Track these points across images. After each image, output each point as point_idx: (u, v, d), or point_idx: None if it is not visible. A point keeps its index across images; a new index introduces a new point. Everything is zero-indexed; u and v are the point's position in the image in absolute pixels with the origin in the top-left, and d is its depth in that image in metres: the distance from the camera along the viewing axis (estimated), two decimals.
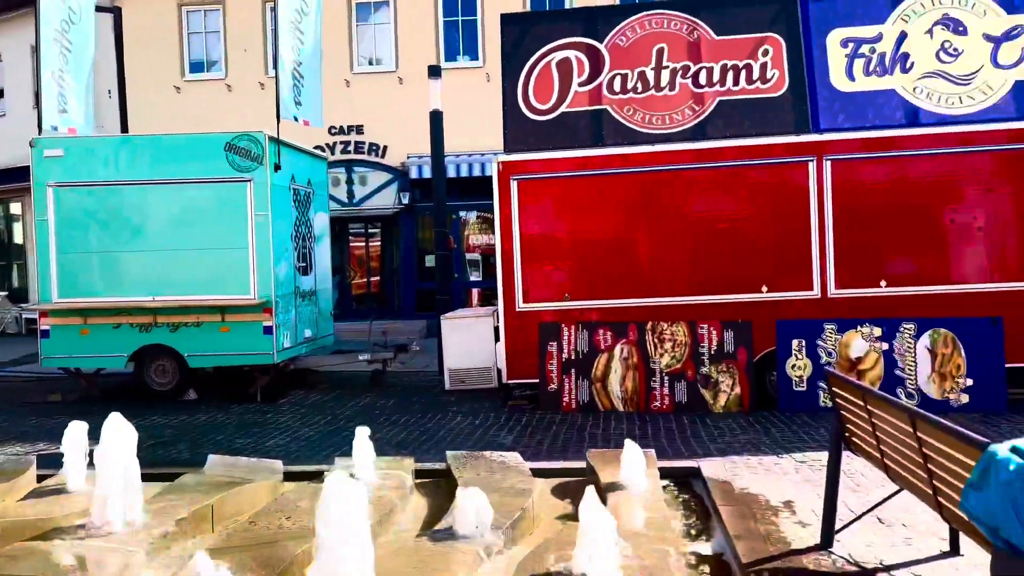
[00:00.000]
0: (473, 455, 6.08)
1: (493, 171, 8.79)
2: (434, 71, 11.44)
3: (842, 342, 8.27)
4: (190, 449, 7.47)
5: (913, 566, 4.11)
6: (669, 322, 8.50)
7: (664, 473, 5.77)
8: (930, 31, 8.54)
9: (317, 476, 5.78)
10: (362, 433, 5.55)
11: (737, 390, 8.38)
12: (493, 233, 9.04)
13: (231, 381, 10.53)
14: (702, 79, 8.75)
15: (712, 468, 6.01)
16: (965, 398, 8.11)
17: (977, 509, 2.15)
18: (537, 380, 8.73)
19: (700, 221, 8.60)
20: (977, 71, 8.48)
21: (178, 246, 9.81)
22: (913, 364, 8.18)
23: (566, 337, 8.62)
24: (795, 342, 8.35)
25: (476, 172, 15.71)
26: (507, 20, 9.20)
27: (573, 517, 4.78)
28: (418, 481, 5.84)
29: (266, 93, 15.18)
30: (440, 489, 5.65)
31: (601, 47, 8.88)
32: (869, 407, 3.70)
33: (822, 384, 8.22)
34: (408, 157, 16.56)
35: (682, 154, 8.58)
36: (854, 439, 4.20)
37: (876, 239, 8.38)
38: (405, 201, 16.72)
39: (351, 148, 17.10)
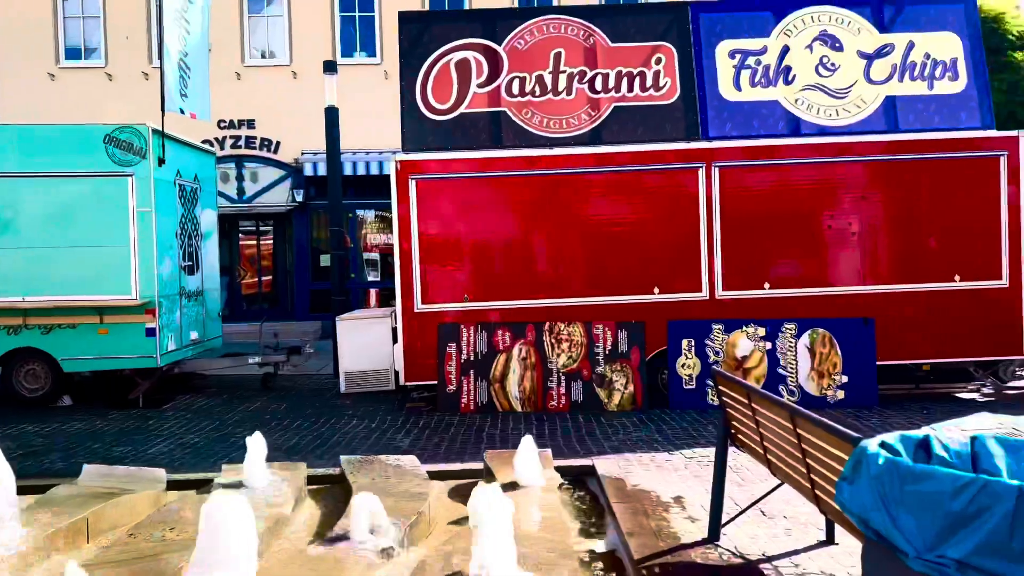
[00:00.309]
0: (368, 459, 5.98)
1: (391, 170, 8.67)
2: (330, 66, 11.19)
3: (729, 342, 8.61)
4: (64, 459, 7.01)
5: (793, 556, 4.31)
6: (566, 322, 8.62)
7: (560, 471, 5.84)
8: (810, 46, 9.00)
9: (204, 484, 5.54)
10: (253, 438, 5.37)
11: (631, 389, 8.59)
12: (391, 232, 8.91)
13: (110, 386, 9.97)
14: (598, 85, 8.92)
15: (606, 466, 6.13)
16: (841, 394, 8.59)
17: (850, 501, 2.27)
18: (435, 382, 8.67)
19: (596, 224, 8.75)
20: (852, 85, 8.99)
21: (52, 243, 9.20)
22: (794, 362, 8.60)
23: (465, 338, 8.60)
24: (685, 342, 8.63)
25: (374, 170, 15.48)
26: (405, 18, 9.10)
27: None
28: (311, 487, 5.69)
29: (150, 83, 14.48)
30: (334, 495, 5.53)
31: (500, 49, 8.92)
32: (753, 405, 3.86)
33: (710, 382, 8.53)
34: (303, 153, 16.15)
35: (579, 158, 8.71)
36: (739, 436, 4.36)
37: (761, 243, 8.75)
38: (299, 198, 16.29)
39: (242, 143, 16.52)
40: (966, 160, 8.79)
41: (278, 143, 16.49)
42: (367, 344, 9.87)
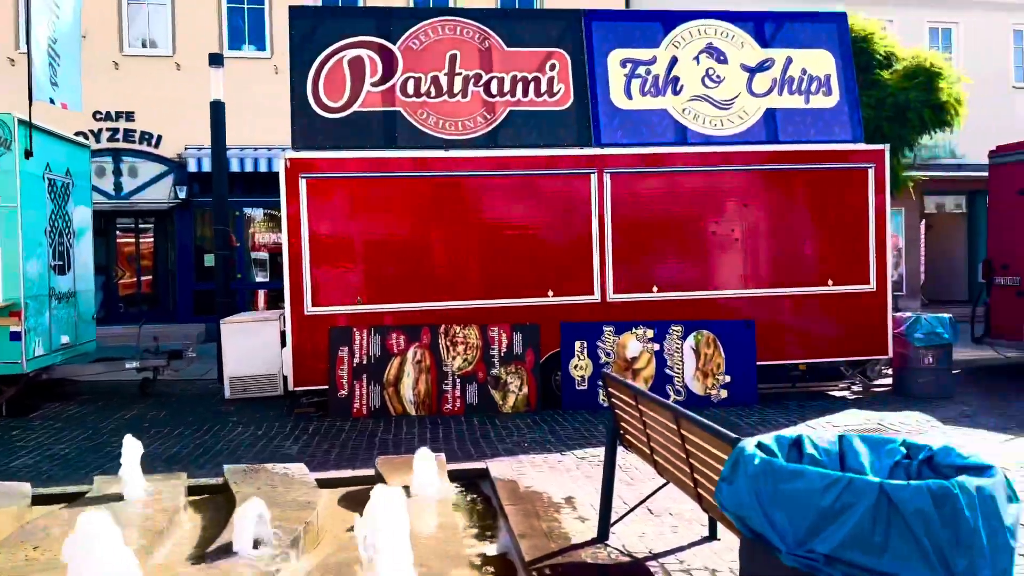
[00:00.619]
0: (254, 468, 5.76)
1: (280, 168, 8.41)
2: (216, 59, 10.76)
3: (619, 343, 8.81)
4: None
5: (678, 552, 4.44)
6: (462, 325, 8.61)
7: (454, 476, 5.80)
8: (697, 58, 9.34)
9: (74, 499, 5.20)
10: (127, 444, 5.08)
11: (525, 390, 8.66)
12: (281, 232, 8.64)
13: None
14: (493, 88, 8.95)
15: (500, 468, 6.14)
16: (724, 393, 8.94)
17: (728, 501, 2.35)
18: (326, 386, 8.47)
19: (492, 227, 8.77)
20: (735, 97, 9.39)
21: None
22: (680, 363, 8.89)
23: (358, 341, 8.45)
24: (577, 344, 8.77)
25: (263, 167, 14.98)
26: (296, 13, 8.85)
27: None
28: (192, 498, 5.43)
29: (17, 70, 13.52)
30: (217, 506, 5.29)
31: (394, 48, 8.81)
32: (640, 407, 3.95)
33: (601, 383, 8.70)
34: (186, 148, 15.45)
35: (474, 161, 8.71)
36: (628, 436, 4.46)
37: (650, 248, 9.01)
38: (182, 195, 15.57)
39: (120, 136, 15.65)
40: (838, 171, 9.33)
41: (160, 137, 15.72)
42: (254, 348, 9.54)
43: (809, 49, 9.58)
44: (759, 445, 2.51)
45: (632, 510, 4.80)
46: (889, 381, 9.89)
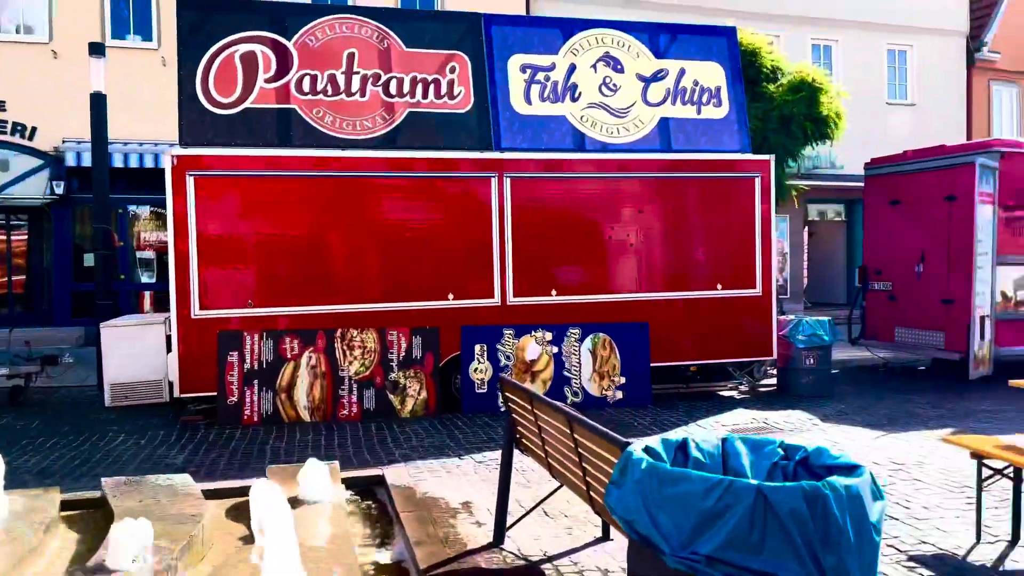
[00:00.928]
0: (135, 480, 5.47)
1: (166, 165, 8.04)
2: (96, 48, 10.19)
3: (518, 346, 8.87)
4: None
5: (572, 554, 4.50)
6: (359, 329, 8.46)
7: (348, 483, 5.69)
8: (594, 66, 9.51)
9: None
10: None
11: (424, 395, 8.59)
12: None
13: None
14: (392, 88, 8.84)
15: (396, 475, 6.06)
16: (620, 394, 9.14)
17: (616, 504, 2.39)
18: (215, 393, 8.14)
19: (391, 229, 8.66)
20: (631, 106, 9.61)
21: None
22: (578, 365, 9.03)
23: (248, 346, 8.17)
24: (478, 347, 8.77)
25: (149, 163, 14.28)
26: (184, 3, 8.47)
27: (249, 539, 4.53)
28: (66, 514, 5.11)
29: None
30: (94, 522, 5.00)
31: (289, 45, 8.57)
32: (535, 411, 3.98)
33: (499, 387, 8.74)
34: (64, 142, 14.54)
35: (373, 161, 8.57)
36: (524, 440, 4.48)
37: (549, 252, 9.10)
38: (59, 191, 14.63)
39: None
40: (727, 180, 9.70)
41: (34, 129, 14.73)
42: (137, 352, 9.08)
43: (701, 61, 9.91)
44: (646, 449, 2.57)
45: (527, 513, 4.83)
46: (774, 381, 10.35)
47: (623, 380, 9.17)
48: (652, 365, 9.32)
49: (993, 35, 20.96)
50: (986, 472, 4.90)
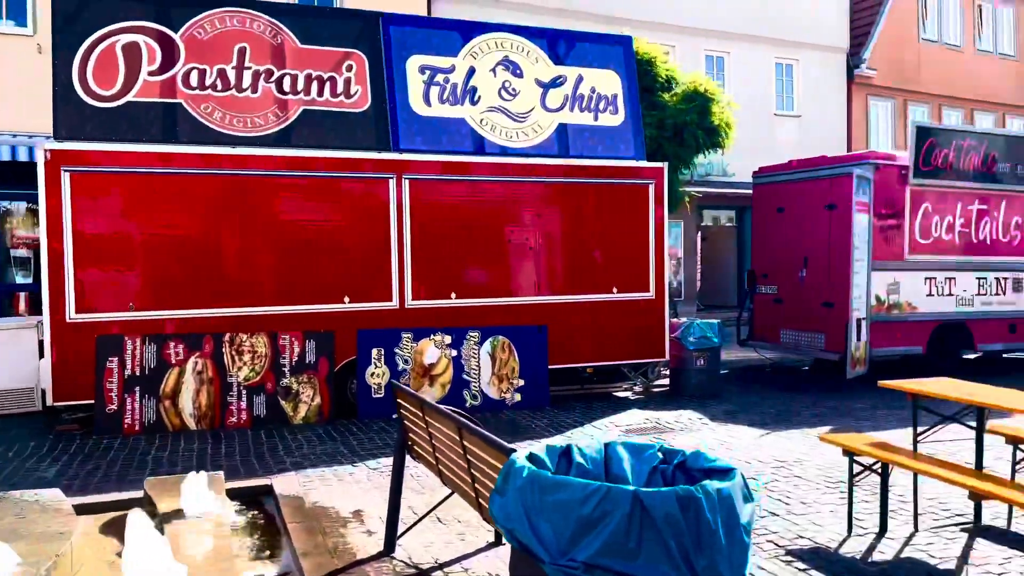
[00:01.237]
0: None
1: (39, 160, 7.55)
2: None
3: (417, 350, 8.78)
4: None
5: (464, 560, 4.47)
6: (249, 333, 8.18)
7: (234, 494, 5.47)
8: (494, 70, 9.54)
9: None
10: None
11: (317, 400, 8.38)
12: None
13: None
14: (286, 85, 8.60)
15: (285, 484, 5.87)
16: (518, 397, 9.19)
17: (499, 513, 2.38)
18: (93, 401, 7.70)
19: (285, 230, 8.41)
20: (530, 111, 9.69)
21: None
22: (477, 368, 9.03)
23: (130, 351, 7.77)
24: (374, 351, 8.64)
25: (23, 156, 13.37)
26: None
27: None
28: None
29: None
30: None
31: (176, 37, 8.21)
32: (426, 417, 3.93)
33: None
34: None
35: (265, 160, 8.31)
36: (415, 447, 4.43)
37: (448, 255, 9.06)
38: None
39: None
40: (623, 186, 9.91)
41: None
42: (6, 358, 8.49)
43: (598, 69, 10.09)
44: (530, 456, 2.57)
45: (419, 520, 4.78)
46: (667, 382, 10.64)
47: (522, 382, 9.22)
48: (550, 367, 9.42)
49: (870, 53, 22.28)
50: (857, 468, 5.17)
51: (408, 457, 4.71)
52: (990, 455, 6.51)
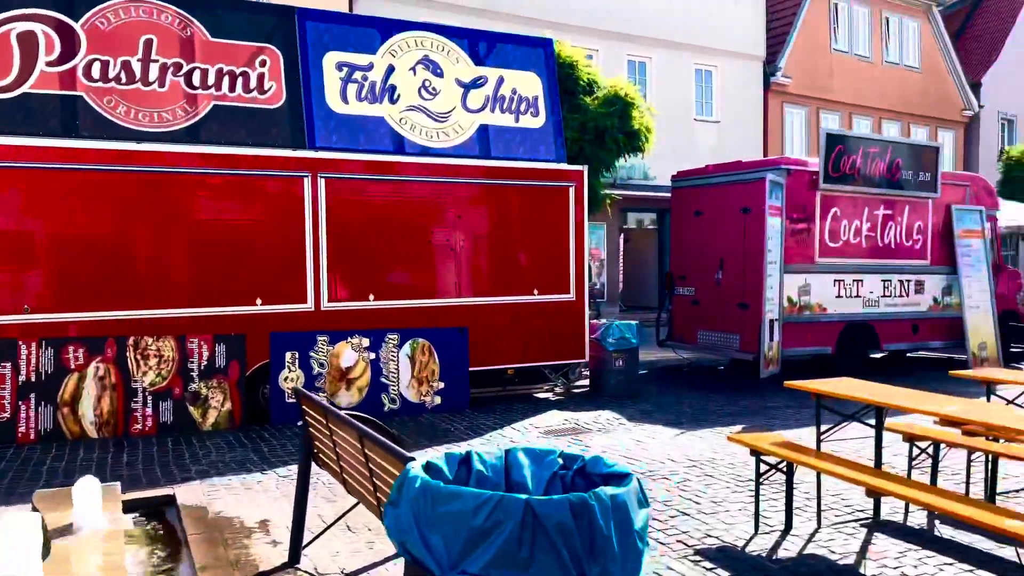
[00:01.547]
0: None
1: None
2: None
3: (333, 353, 8.60)
4: None
5: (371, 569, 4.37)
6: (155, 337, 7.85)
7: (133, 505, 5.23)
8: (414, 68, 9.42)
9: None
10: None
11: (228, 406, 8.11)
12: None
13: None
14: (196, 80, 8.29)
15: (188, 493, 5.65)
16: (438, 400, 9.09)
17: (392, 526, 2.31)
18: None
19: (194, 230, 8.10)
20: (451, 111, 9.61)
21: None
22: (396, 371, 8.89)
23: (24, 356, 7.35)
24: (288, 354, 8.41)
25: None
26: None
27: None
28: None
29: None
30: None
31: (76, 26, 7.81)
32: (330, 424, 3.82)
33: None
34: None
35: (173, 156, 7.98)
36: (321, 455, 4.31)
37: (366, 256, 8.90)
38: None
39: None
40: (544, 188, 9.93)
41: None
42: None
43: (519, 71, 10.09)
44: (427, 465, 2.51)
45: (327, 529, 4.65)
46: (587, 382, 10.72)
47: (442, 385, 9.14)
48: (471, 369, 9.35)
49: (785, 62, 23.02)
50: (764, 467, 5.29)
51: (316, 465, 4.58)
52: (892, 451, 6.78)
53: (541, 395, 10.29)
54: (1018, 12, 28.61)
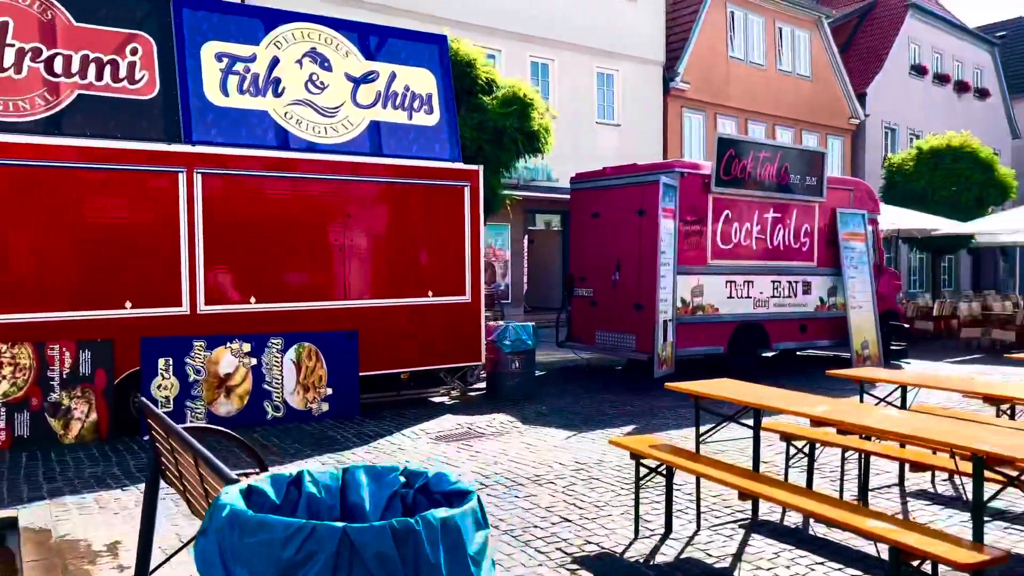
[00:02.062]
0: None
1: None
2: None
3: (211, 359, 8.14)
4: None
5: None
6: (9, 343, 7.23)
7: None
8: (300, 61, 9.04)
9: None
10: None
11: (94, 416, 7.56)
12: None
13: None
14: (58, 67, 7.69)
15: (35, 515, 5.19)
16: (326, 406, 8.75)
17: (197, 557, 2.06)
18: None
19: (54, 228, 7.50)
20: (340, 106, 9.27)
21: None
22: (280, 377, 8.50)
23: None
24: (162, 361, 7.91)
25: None
26: None
27: None
28: None
29: None
30: None
31: None
32: (171, 441, 3.51)
33: (190, 404, 7.97)
34: None
35: (30, 148, 7.37)
36: (167, 472, 3.97)
37: (248, 256, 8.46)
38: None
39: None
40: (438, 188, 9.71)
41: None
42: None
43: (413, 67, 9.84)
44: (247, 489, 2.27)
45: (178, 552, 4.30)
46: (484, 385, 10.56)
47: (330, 391, 8.80)
48: (362, 374, 9.05)
49: (684, 67, 23.53)
50: (645, 470, 5.23)
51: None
52: (775, 450, 6.88)
53: (437, 399, 10.06)
54: (899, 27, 30.23)
